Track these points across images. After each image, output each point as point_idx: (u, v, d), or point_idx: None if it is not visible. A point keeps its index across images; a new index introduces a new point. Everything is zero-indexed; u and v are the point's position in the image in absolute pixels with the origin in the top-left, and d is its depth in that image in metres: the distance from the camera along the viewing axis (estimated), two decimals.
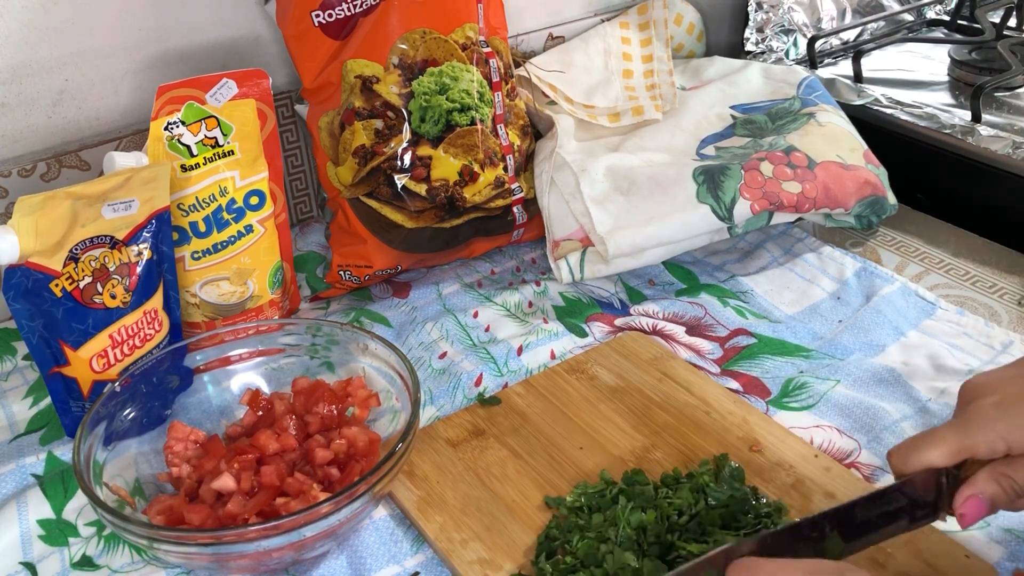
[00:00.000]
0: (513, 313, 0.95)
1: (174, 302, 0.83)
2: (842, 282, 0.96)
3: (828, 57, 1.33)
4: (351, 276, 0.97)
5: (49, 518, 0.73)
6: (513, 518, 0.70)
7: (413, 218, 0.95)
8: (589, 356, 0.86)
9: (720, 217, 0.94)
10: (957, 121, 1.09)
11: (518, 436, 0.78)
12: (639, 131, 1.07)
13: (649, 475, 0.72)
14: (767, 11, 1.29)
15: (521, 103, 1.03)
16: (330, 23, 0.91)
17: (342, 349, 0.80)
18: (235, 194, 0.85)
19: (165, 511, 0.69)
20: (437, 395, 0.84)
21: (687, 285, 0.98)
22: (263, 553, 0.63)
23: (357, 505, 0.64)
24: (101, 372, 0.77)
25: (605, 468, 0.73)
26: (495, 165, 0.97)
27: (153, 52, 0.97)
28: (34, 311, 0.74)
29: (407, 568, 0.68)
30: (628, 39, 1.17)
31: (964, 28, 1.40)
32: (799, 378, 0.83)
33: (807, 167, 0.98)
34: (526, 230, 1.02)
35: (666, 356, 0.86)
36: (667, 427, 0.78)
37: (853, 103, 1.16)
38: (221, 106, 0.83)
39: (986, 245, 1.01)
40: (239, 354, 0.81)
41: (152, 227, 0.78)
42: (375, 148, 0.93)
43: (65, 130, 0.95)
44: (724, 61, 1.18)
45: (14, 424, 0.83)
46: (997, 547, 0.66)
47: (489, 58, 0.97)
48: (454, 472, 0.74)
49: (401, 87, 0.93)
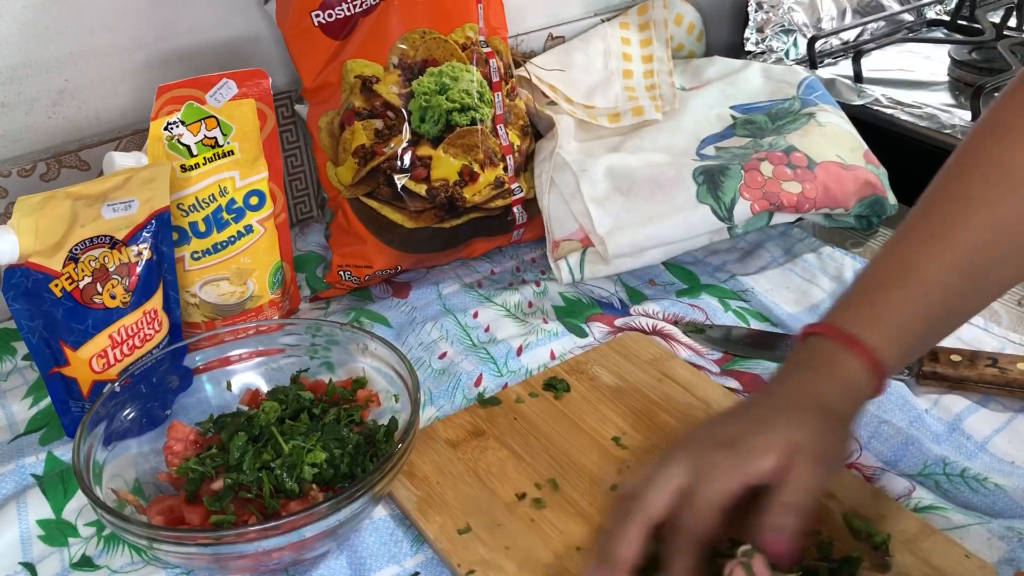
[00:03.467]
0: (513, 313, 0.95)
1: (174, 302, 0.83)
2: (842, 282, 0.95)
3: (828, 57, 1.33)
4: (351, 276, 0.97)
5: (49, 518, 0.73)
6: (514, 519, 0.70)
7: (413, 218, 0.95)
8: (589, 357, 0.86)
9: (720, 217, 0.94)
10: (957, 121, 1.09)
11: (518, 437, 0.78)
12: (639, 131, 1.07)
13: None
14: (767, 11, 1.29)
15: (521, 103, 1.03)
16: (330, 23, 0.91)
17: (342, 349, 0.80)
18: (235, 194, 0.85)
19: (165, 511, 0.69)
20: (437, 395, 0.84)
21: (687, 285, 0.98)
22: (263, 553, 0.63)
23: (357, 505, 0.64)
24: (101, 372, 0.77)
25: (605, 469, 0.73)
26: (495, 165, 0.97)
27: (153, 52, 0.97)
28: (34, 311, 0.74)
29: (407, 568, 0.68)
30: (628, 39, 1.17)
31: (964, 28, 1.40)
32: None
33: (807, 167, 0.98)
34: (526, 230, 1.02)
35: (666, 357, 0.86)
36: (668, 428, 0.77)
37: (853, 103, 1.16)
38: (221, 106, 0.83)
39: None
40: (239, 354, 0.81)
41: (152, 227, 0.78)
42: (375, 148, 0.93)
43: (65, 130, 0.95)
44: (724, 61, 1.18)
45: (14, 424, 0.83)
46: (997, 547, 0.66)
47: (489, 58, 0.97)
48: (454, 473, 0.74)
49: (401, 87, 0.93)
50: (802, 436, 0.59)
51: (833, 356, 0.64)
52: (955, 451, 0.75)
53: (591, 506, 0.71)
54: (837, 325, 0.65)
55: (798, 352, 0.66)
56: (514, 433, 0.78)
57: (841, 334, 0.64)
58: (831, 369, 0.63)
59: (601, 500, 0.71)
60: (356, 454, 0.71)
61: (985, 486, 0.71)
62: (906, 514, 0.68)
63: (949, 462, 0.73)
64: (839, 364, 0.63)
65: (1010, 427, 0.76)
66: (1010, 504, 0.69)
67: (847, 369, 0.63)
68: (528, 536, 0.68)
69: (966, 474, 0.72)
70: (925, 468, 0.73)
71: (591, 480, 0.73)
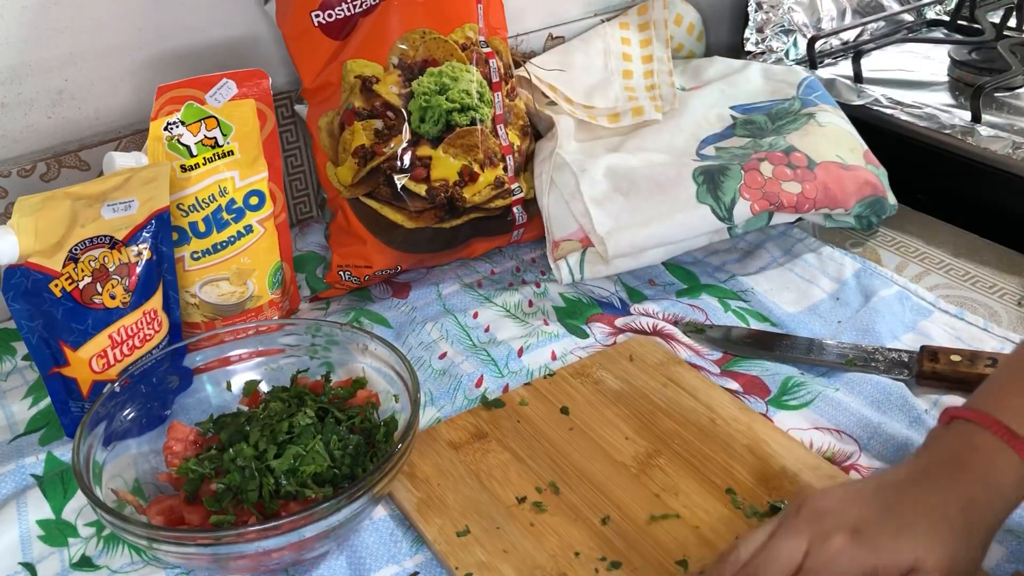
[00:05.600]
0: (513, 313, 0.94)
1: (174, 302, 0.82)
2: (841, 282, 0.96)
3: (828, 57, 1.33)
4: (351, 276, 0.97)
5: (48, 518, 0.73)
6: (513, 522, 0.70)
7: (413, 218, 0.95)
8: (594, 360, 0.86)
9: (720, 217, 0.94)
10: (957, 121, 1.09)
11: (521, 440, 0.78)
12: (639, 131, 1.07)
13: (651, 478, 0.72)
14: (767, 11, 1.29)
15: (521, 103, 1.03)
16: (330, 23, 0.91)
17: (342, 349, 0.80)
18: (235, 194, 0.85)
19: (165, 511, 0.69)
20: (437, 396, 0.84)
21: (687, 285, 0.98)
22: (263, 553, 0.63)
23: (357, 505, 0.64)
24: (101, 372, 0.77)
25: (607, 474, 0.73)
26: (495, 165, 0.97)
27: (153, 52, 0.97)
28: (34, 311, 0.74)
29: (406, 568, 0.68)
30: (628, 39, 1.17)
31: (964, 28, 1.40)
32: (798, 377, 0.83)
33: (807, 167, 0.98)
34: (526, 230, 1.02)
35: (671, 361, 0.86)
36: (671, 433, 0.77)
37: (853, 103, 1.16)
38: (221, 106, 0.83)
39: (986, 245, 1.01)
40: (239, 354, 0.81)
41: (152, 227, 0.78)
42: (375, 148, 0.93)
43: (65, 130, 0.95)
44: (724, 61, 1.18)
45: (14, 424, 0.83)
46: (997, 548, 0.66)
47: (489, 58, 0.97)
48: (455, 474, 0.74)
49: (401, 87, 0.93)
50: (939, 554, 0.55)
51: (988, 453, 0.58)
52: None
53: (591, 510, 0.71)
54: (992, 414, 0.59)
55: (947, 438, 0.61)
56: (517, 436, 0.78)
57: (998, 426, 0.58)
58: (986, 470, 0.58)
59: (601, 501, 0.71)
60: (356, 454, 0.71)
61: None
62: None
63: None
64: (995, 464, 0.58)
65: None
66: None
67: (1004, 471, 0.57)
68: (527, 540, 0.68)
69: None
70: None
71: (592, 484, 0.73)
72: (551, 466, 0.75)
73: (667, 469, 0.74)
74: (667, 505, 0.70)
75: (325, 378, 0.79)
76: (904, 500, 0.58)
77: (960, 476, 0.58)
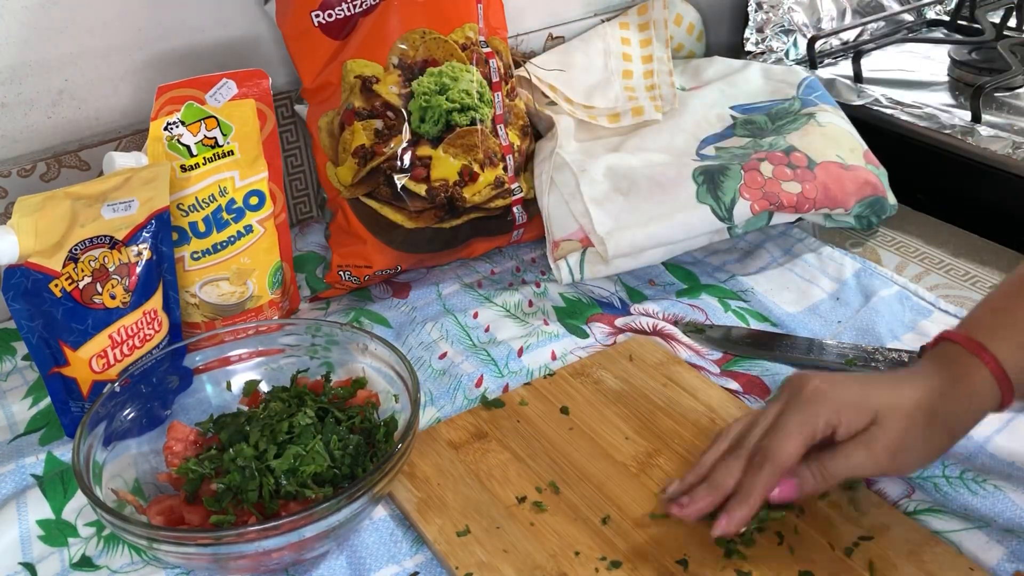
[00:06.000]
0: (513, 313, 0.95)
1: (174, 302, 0.83)
2: (841, 283, 0.96)
3: (828, 57, 1.33)
4: (351, 276, 0.97)
5: (48, 518, 0.73)
6: (513, 522, 0.70)
7: (413, 218, 0.95)
8: (594, 360, 0.86)
9: (720, 217, 0.94)
10: (957, 121, 1.09)
11: (521, 439, 0.78)
12: (639, 131, 1.07)
13: (651, 478, 0.72)
14: (767, 11, 1.29)
15: (521, 103, 1.03)
16: (330, 23, 0.91)
17: (342, 349, 0.80)
18: (235, 194, 0.85)
19: (165, 511, 0.69)
20: (437, 396, 0.84)
21: (687, 285, 0.98)
22: (263, 553, 0.63)
23: (357, 505, 0.64)
24: (101, 372, 0.77)
25: (607, 473, 0.73)
26: (495, 165, 0.97)
27: (153, 52, 0.97)
28: (34, 311, 0.74)
29: (406, 568, 0.68)
30: (628, 39, 1.17)
31: (964, 28, 1.40)
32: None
33: (807, 167, 0.98)
34: (526, 230, 1.02)
35: (671, 361, 0.86)
36: (671, 433, 0.77)
37: (853, 103, 1.16)
38: (221, 106, 0.83)
39: (986, 245, 1.01)
40: (239, 354, 0.81)
41: (152, 227, 0.78)
42: (375, 148, 0.93)
43: (65, 130, 0.95)
44: (724, 61, 1.18)
45: (14, 424, 0.83)
46: (997, 548, 0.66)
47: (489, 58, 0.97)
48: (455, 474, 0.74)
49: (401, 87, 0.93)
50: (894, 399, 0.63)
51: (961, 365, 0.65)
52: (954, 452, 0.75)
53: (591, 510, 0.70)
54: (968, 333, 0.66)
55: (931, 356, 0.67)
56: (517, 436, 0.78)
57: (970, 342, 0.65)
58: (958, 378, 0.64)
59: (601, 501, 0.71)
60: (356, 454, 0.71)
61: (984, 487, 0.71)
62: (909, 523, 0.68)
63: (948, 463, 0.73)
64: (966, 373, 0.64)
65: (1010, 427, 0.76)
66: (1009, 505, 0.69)
67: (973, 379, 0.64)
68: (527, 539, 0.68)
69: (965, 475, 0.72)
70: (924, 470, 0.73)
71: (592, 484, 0.73)
72: (551, 466, 0.75)
73: (667, 469, 0.74)
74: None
75: (325, 378, 0.79)
76: (885, 376, 0.69)
77: (936, 380, 0.65)
